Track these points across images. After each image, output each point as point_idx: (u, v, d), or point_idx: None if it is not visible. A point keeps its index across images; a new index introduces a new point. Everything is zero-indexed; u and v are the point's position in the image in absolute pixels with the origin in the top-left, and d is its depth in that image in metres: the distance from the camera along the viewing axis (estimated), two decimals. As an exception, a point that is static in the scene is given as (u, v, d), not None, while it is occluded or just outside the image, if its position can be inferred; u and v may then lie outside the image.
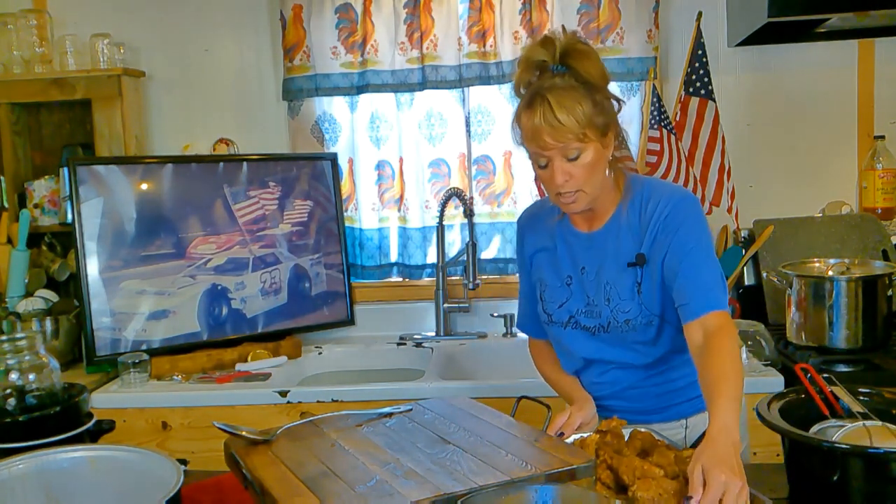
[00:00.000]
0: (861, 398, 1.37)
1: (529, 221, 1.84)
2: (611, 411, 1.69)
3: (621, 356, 1.69)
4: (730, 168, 2.63)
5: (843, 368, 2.25)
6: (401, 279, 3.03)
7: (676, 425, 1.72)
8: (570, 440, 1.55)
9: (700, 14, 2.63)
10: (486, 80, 2.84)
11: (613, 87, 2.85)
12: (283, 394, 2.34)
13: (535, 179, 2.70)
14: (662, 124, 2.53)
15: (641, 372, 1.70)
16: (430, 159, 2.95)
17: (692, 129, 2.62)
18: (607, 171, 1.64)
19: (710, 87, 2.62)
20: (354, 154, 2.97)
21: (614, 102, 1.62)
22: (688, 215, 1.61)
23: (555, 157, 1.57)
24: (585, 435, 1.51)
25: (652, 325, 1.64)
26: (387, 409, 1.53)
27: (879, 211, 2.84)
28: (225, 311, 2.68)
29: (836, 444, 1.22)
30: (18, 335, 1.53)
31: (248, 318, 2.72)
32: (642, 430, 1.51)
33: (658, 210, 1.62)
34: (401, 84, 2.87)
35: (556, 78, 1.56)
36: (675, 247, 1.58)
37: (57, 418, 1.44)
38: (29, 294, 2.73)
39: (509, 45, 2.82)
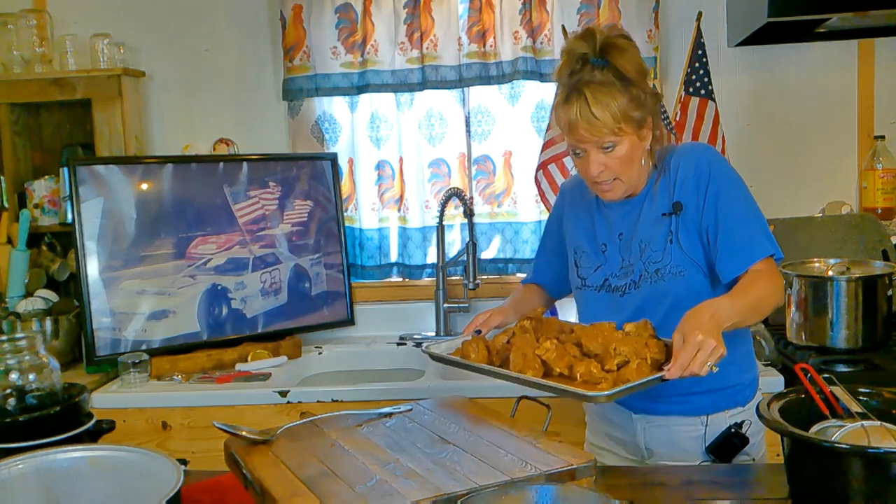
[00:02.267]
0: (861, 398, 1.37)
1: (571, 192, 1.90)
2: (624, 403, 1.73)
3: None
4: (730, 168, 2.63)
5: (843, 368, 2.25)
6: (401, 279, 3.03)
7: (695, 421, 1.71)
8: (494, 333, 1.71)
9: (700, 14, 2.63)
10: (486, 80, 2.84)
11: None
12: (283, 394, 2.34)
13: (535, 181, 2.70)
14: (663, 124, 2.53)
15: None
16: (430, 159, 2.95)
17: (692, 129, 2.62)
18: (643, 161, 1.69)
19: (710, 87, 2.62)
20: (354, 154, 2.97)
21: (653, 95, 1.67)
22: (714, 165, 1.67)
23: (591, 149, 1.63)
24: (513, 324, 1.69)
25: (682, 276, 1.66)
26: (387, 409, 1.53)
27: (879, 211, 2.84)
28: (225, 311, 2.68)
29: (836, 444, 1.22)
30: (18, 335, 1.53)
31: (248, 318, 2.72)
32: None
33: (683, 164, 1.69)
34: (401, 84, 2.87)
35: (595, 71, 1.60)
36: (710, 202, 1.65)
37: (57, 418, 1.44)
38: (29, 294, 2.73)
39: (509, 45, 2.82)
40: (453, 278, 2.96)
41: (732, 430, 1.67)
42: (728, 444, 1.66)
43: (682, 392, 1.65)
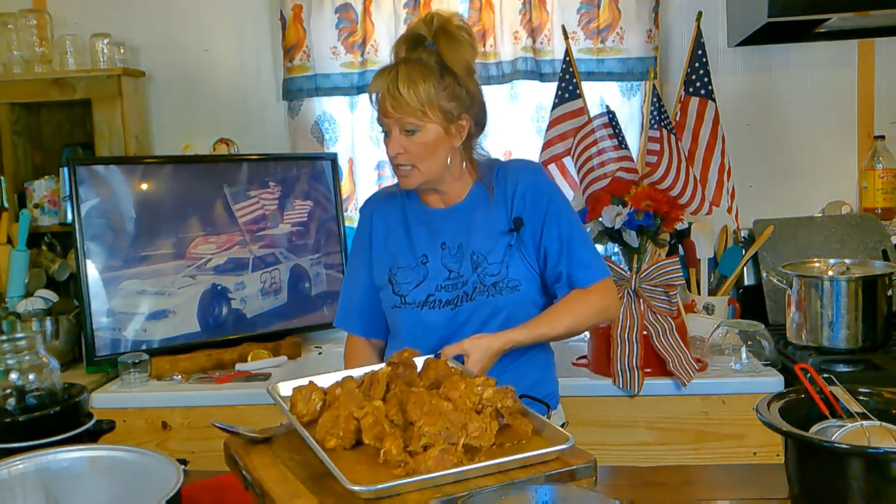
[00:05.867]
0: (861, 398, 1.37)
1: (379, 206, 1.84)
2: None
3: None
4: (730, 168, 2.63)
5: (843, 368, 2.25)
6: (401, 279, 3.02)
7: None
8: (359, 374, 1.46)
9: (700, 14, 2.63)
10: (485, 80, 2.83)
11: (613, 88, 2.88)
12: (283, 394, 2.33)
13: None
14: (662, 124, 2.52)
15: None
16: (430, 159, 2.95)
17: (692, 129, 2.62)
18: (449, 159, 1.68)
19: (709, 87, 2.61)
20: (354, 154, 2.97)
21: (473, 97, 1.68)
22: (549, 185, 1.74)
23: (393, 128, 1.63)
24: (376, 368, 1.42)
25: (518, 290, 1.67)
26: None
27: (879, 211, 2.84)
28: (225, 311, 2.68)
29: (836, 444, 1.22)
30: (18, 335, 1.53)
31: (248, 318, 2.72)
32: (434, 357, 1.49)
33: (521, 180, 1.72)
34: (401, 84, 2.87)
35: (423, 52, 1.63)
36: (551, 222, 1.68)
37: (57, 418, 1.44)
38: (29, 294, 2.73)
39: (509, 45, 2.82)
40: (453, 278, 2.95)
41: None
42: None
43: None
